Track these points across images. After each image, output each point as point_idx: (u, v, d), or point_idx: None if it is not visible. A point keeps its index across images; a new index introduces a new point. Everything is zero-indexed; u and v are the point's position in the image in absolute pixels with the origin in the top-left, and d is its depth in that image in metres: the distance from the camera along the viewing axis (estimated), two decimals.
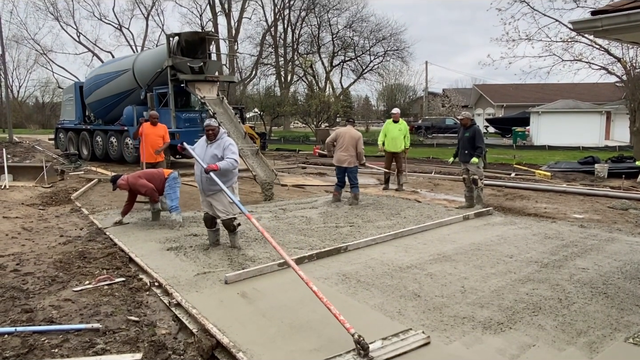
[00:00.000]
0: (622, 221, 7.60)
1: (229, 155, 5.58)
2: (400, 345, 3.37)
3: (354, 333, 3.26)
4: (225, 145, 5.66)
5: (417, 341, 3.43)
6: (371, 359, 3.18)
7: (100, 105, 16.96)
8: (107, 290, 4.62)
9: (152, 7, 44.59)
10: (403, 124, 10.75)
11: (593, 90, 37.30)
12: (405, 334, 3.52)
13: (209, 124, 5.76)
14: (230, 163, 5.52)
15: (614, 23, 3.47)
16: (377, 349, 3.28)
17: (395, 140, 10.51)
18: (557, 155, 20.08)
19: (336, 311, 3.47)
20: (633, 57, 17.26)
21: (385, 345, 3.34)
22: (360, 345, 3.20)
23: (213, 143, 5.73)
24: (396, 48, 41.43)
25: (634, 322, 3.76)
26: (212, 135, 5.73)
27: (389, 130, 10.63)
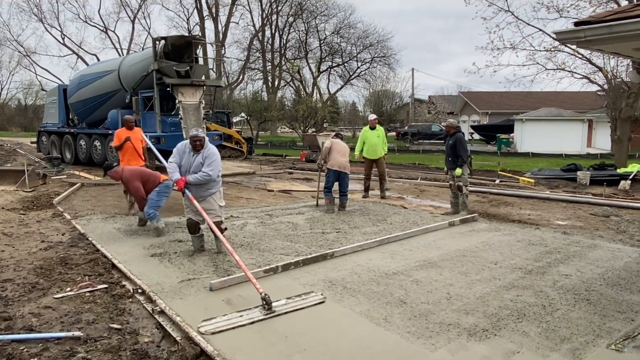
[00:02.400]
0: (603, 228, 7.72)
1: (205, 167, 5.58)
2: (300, 303, 4.26)
3: (262, 292, 4.12)
4: (207, 154, 5.66)
5: (314, 300, 4.31)
6: (274, 312, 4.04)
7: (83, 106, 16.70)
8: (89, 298, 4.54)
9: (139, 10, 44.29)
10: (380, 129, 10.54)
11: (575, 99, 38.09)
12: (307, 295, 4.42)
13: (196, 135, 5.65)
14: (199, 179, 5.54)
15: (597, 34, 3.53)
16: (281, 305, 4.17)
17: (375, 147, 10.31)
18: (541, 163, 20.37)
19: (250, 275, 4.46)
20: (614, 67, 17.65)
21: (288, 303, 4.25)
22: (265, 302, 4.08)
23: (200, 152, 5.67)
24: (383, 55, 41.79)
25: (615, 329, 3.81)
26: (199, 146, 5.66)
27: (367, 137, 10.39)
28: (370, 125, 10.39)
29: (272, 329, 3.83)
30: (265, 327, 3.86)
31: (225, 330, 3.77)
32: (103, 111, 15.98)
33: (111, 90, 15.69)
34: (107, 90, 15.81)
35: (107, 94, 15.86)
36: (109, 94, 15.77)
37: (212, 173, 5.59)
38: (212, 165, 5.61)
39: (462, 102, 47.88)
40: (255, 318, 3.97)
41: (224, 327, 3.81)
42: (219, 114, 25.24)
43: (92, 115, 16.63)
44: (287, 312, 4.10)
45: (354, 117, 51.52)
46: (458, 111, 47.17)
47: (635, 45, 3.80)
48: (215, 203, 5.78)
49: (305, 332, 3.76)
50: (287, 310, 4.12)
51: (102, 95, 15.97)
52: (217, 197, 5.84)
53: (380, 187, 10.60)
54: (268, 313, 4.04)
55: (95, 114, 16.46)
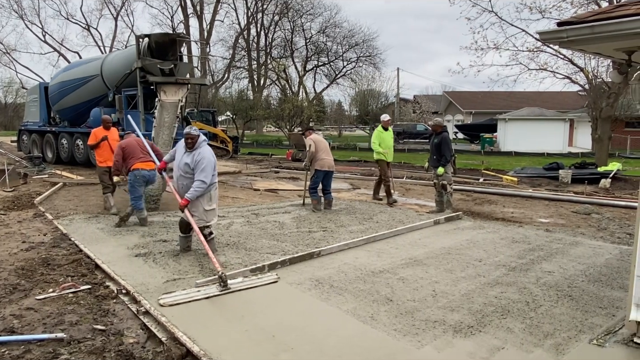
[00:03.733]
0: (585, 225, 7.86)
1: (197, 175, 5.41)
2: (255, 282, 4.73)
3: (219, 271, 4.54)
4: (198, 159, 5.45)
5: (268, 280, 4.81)
6: (229, 289, 4.47)
7: (72, 112, 16.49)
8: (72, 299, 4.47)
9: (122, 7, 43.73)
10: (390, 130, 10.07)
11: (557, 99, 38.67)
12: (262, 273, 4.94)
13: (189, 132, 5.56)
14: (196, 191, 5.39)
15: (579, 34, 3.59)
16: (237, 282, 4.63)
17: (391, 149, 9.86)
18: (523, 161, 20.66)
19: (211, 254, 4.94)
20: (595, 67, 17.95)
21: (244, 281, 4.72)
22: (221, 279, 4.49)
23: (191, 152, 5.55)
24: (368, 54, 41.83)
25: (597, 324, 3.88)
26: (191, 144, 5.54)
27: (383, 139, 9.77)
28: (384, 126, 9.86)
29: (259, 327, 3.82)
30: (251, 326, 3.84)
31: (182, 303, 4.19)
32: (86, 115, 15.78)
33: (98, 96, 15.52)
34: (94, 96, 15.64)
35: (94, 99, 15.69)
36: (96, 98, 15.61)
37: (205, 179, 5.41)
38: (204, 172, 5.41)
39: (446, 102, 48.29)
40: (211, 293, 4.40)
41: (181, 300, 4.21)
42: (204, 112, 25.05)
43: (75, 119, 16.46)
44: (241, 289, 4.57)
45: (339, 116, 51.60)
46: (442, 110, 47.55)
47: (616, 46, 3.88)
48: (200, 205, 5.55)
49: (293, 331, 3.76)
50: (241, 288, 4.58)
51: (90, 101, 15.78)
52: (205, 200, 5.58)
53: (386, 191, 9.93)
54: (223, 289, 4.47)
55: (80, 119, 16.28)
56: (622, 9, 3.58)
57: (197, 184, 5.39)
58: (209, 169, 5.47)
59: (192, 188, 5.40)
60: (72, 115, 16.52)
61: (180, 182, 5.63)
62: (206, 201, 5.60)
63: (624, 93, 17.30)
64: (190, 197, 5.39)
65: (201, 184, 5.40)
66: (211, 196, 5.65)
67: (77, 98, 16.07)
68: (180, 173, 5.62)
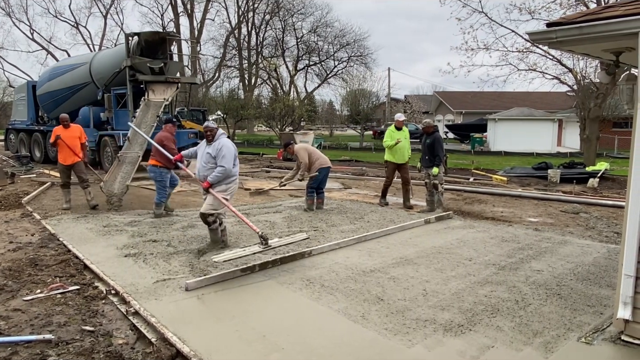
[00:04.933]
0: (573, 224, 7.94)
1: (218, 162, 5.81)
2: (290, 240, 5.50)
3: (259, 231, 5.20)
4: (218, 147, 5.84)
5: (301, 238, 5.53)
6: (269, 246, 5.14)
7: (50, 98, 16.26)
8: (60, 299, 4.42)
9: (111, 5, 43.37)
10: (406, 131, 9.45)
11: (546, 99, 39.07)
12: (295, 235, 5.76)
13: (207, 125, 6.01)
14: (218, 175, 5.77)
15: (568, 35, 3.62)
16: (275, 241, 5.33)
17: (403, 150, 9.26)
18: (513, 161, 20.82)
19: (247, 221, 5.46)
20: (583, 68, 18.18)
21: (280, 240, 5.48)
22: (263, 238, 5.11)
23: (212, 143, 5.93)
24: (360, 54, 41.96)
25: (585, 322, 3.92)
26: (210, 137, 5.95)
27: (395, 139, 9.22)
28: (397, 126, 9.31)
29: (250, 327, 3.81)
30: (242, 326, 3.83)
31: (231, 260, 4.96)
32: (71, 105, 15.57)
33: (80, 83, 15.32)
34: (75, 83, 15.45)
35: (75, 87, 15.49)
36: (78, 86, 15.41)
37: (226, 165, 5.79)
38: (225, 158, 5.80)
39: (437, 102, 48.52)
40: (256, 250, 5.10)
41: (230, 257, 4.92)
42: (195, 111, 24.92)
43: (59, 108, 16.18)
44: (280, 245, 5.36)
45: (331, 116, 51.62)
46: (433, 110, 47.78)
47: (604, 47, 3.92)
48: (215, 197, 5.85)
49: (283, 331, 3.75)
50: (280, 244, 5.35)
51: (71, 88, 15.58)
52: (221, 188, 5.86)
53: (404, 195, 9.51)
54: (265, 247, 5.10)
55: (63, 108, 16.04)
56: (610, 10, 3.62)
57: (219, 169, 5.79)
58: (229, 157, 5.85)
59: (214, 172, 5.81)
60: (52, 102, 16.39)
61: (203, 174, 5.94)
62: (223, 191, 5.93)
63: (611, 94, 17.47)
64: (212, 181, 5.79)
65: (222, 170, 5.78)
66: (227, 191, 5.96)
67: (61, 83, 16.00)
68: (202, 164, 5.98)
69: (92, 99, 15.03)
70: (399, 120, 9.34)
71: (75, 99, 15.56)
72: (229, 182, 5.94)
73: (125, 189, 9.44)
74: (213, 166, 5.86)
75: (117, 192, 9.24)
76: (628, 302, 3.45)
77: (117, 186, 9.45)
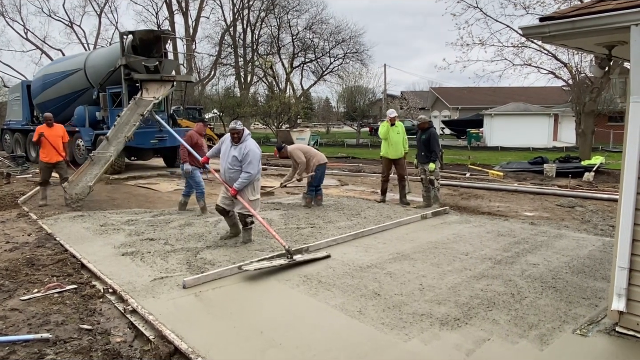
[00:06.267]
0: (569, 218, 7.99)
1: (245, 167, 5.90)
2: (312, 256, 5.54)
3: (287, 245, 5.41)
4: (245, 152, 5.90)
5: (322, 255, 5.59)
6: (294, 260, 5.25)
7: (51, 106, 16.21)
8: (57, 299, 4.42)
9: (105, 4, 42.98)
10: (400, 125, 9.44)
11: (542, 94, 39.11)
12: (316, 252, 5.72)
13: (234, 127, 6.02)
14: (243, 182, 5.88)
15: (561, 29, 3.63)
16: (299, 257, 5.42)
17: (396, 145, 9.24)
18: (509, 156, 20.88)
19: (273, 232, 5.72)
20: (578, 63, 18.20)
21: (304, 256, 5.53)
22: (289, 252, 5.30)
23: (237, 145, 5.98)
24: (355, 51, 41.83)
25: (580, 314, 3.95)
26: (236, 138, 5.99)
27: (390, 135, 9.28)
28: (391, 122, 9.32)
29: (247, 323, 3.82)
30: (240, 322, 3.84)
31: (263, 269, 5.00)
32: (71, 110, 15.56)
33: (79, 90, 15.29)
34: (74, 90, 15.41)
35: (74, 93, 15.46)
36: (77, 92, 15.38)
37: (252, 171, 5.89)
38: (251, 164, 5.88)
39: (433, 98, 48.54)
40: (281, 262, 5.19)
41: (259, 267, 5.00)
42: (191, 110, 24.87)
43: (61, 114, 16.19)
44: (304, 260, 5.37)
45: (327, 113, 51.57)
46: (429, 106, 47.82)
47: (597, 40, 3.93)
48: (245, 196, 5.99)
49: (280, 327, 3.77)
50: (304, 260, 5.38)
51: (70, 95, 15.56)
52: (249, 190, 6.02)
53: (400, 191, 9.54)
54: (290, 261, 5.21)
55: (64, 113, 16.03)
56: (602, 4, 3.63)
57: (245, 176, 5.87)
58: (255, 162, 5.95)
59: (240, 179, 5.89)
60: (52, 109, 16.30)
61: (229, 175, 6.05)
62: (250, 192, 6.05)
63: (606, 88, 17.53)
64: (238, 187, 5.90)
65: (248, 176, 5.89)
66: (255, 187, 6.11)
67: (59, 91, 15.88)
68: (228, 166, 6.04)
69: (89, 101, 15.00)
70: (391, 117, 9.38)
71: (73, 105, 15.55)
72: (255, 180, 6.10)
73: (88, 190, 9.15)
74: (238, 169, 5.95)
75: (78, 193, 9.02)
76: (622, 294, 3.48)
77: (80, 187, 9.20)
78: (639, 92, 3.33)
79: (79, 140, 14.94)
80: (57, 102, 15.95)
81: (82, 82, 15.11)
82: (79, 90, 15.30)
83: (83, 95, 15.30)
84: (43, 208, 8.79)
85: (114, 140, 10.91)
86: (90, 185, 9.33)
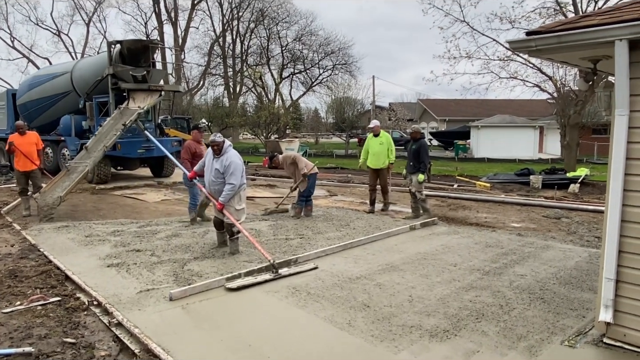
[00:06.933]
0: (555, 229, 8.06)
1: (228, 179, 5.89)
2: (299, 269, 5.47)
3: (271, 259, 5.29)
4: (226, 164, 5.90)
5: (309, 267, 5.55)
6: (280, 274, 5.19)
7: (32, 107, 16.00)
8: (40, 311, 4.32)
9: (94, 13, 42.91)
10: (384, 136, 9.68)
11: (527, 106, 39.73)
12: (304, 264, 5.64)
13: (214, 140, 5.99)
14: (228, 194, 5.88)
15: (546, 43, 3.70)
16: (285, 270, 5.35)
17: (378, 155, 9.49)
18: (496, 167, 21.08)
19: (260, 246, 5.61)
20: (563, 76, 18.54)
21: (290, 268, 5.46)
22: (274, 267, 5.23)
23: (219, 157, 5.98)
24: (344, 62, 42.15)
25: (568, 325, 3.97)
26: (217, 151, 5.99)
27: (370, 145, 9.63)
28: (374, 132, 9.65)
29: (235, 336, 3.77)
30: (228, 335, 3.79)
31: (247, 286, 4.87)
32: (52, 114, 15.37)
33: (61, 92, 15.12)
34: (57, 92, 15.25)
35: (56, 96, 15.28)
36: (59, 95, 15.20)
37: (235, 182, 5.90)
38: (233, 175, 5.89)
39: (421, 109, 49.00)
40: (266, 278, 5.10)
41: (242, 284, 4.88)
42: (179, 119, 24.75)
43: (41, 117, 15.95)
44: (290, 274, 5.28)
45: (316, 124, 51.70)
46: (417, 118, 48.22)
47: (582, 55, 4.01)
48: (231, 206, 6.00)
49: (269, 340, 3.73)
50: (290, 273, 5.30)
51: (52, 97, 15.37)
52: (235, 200, 6.05)
53: (383, 199, 9.78)
54: (276, 275, 5.15)
55: (44, 117, 15.81)
56: (587, 19, 3.71)
57: (228, 188, 5.89)
58: (238, 173, 5.95)
59: (224, 192, 5.91)
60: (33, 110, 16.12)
61: (213, 187, 6.07)
62: (236, 202, 6.08)
63: (590, 101, 17.87)
64: (224, 200, 5.92)
65: (232, 187, 5.90)
66: (241, 196, 6.15)
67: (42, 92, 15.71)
68: (212, 179, 6.06)
69: (74, 108, 14.83)
70: (373, 127, 9.69)
71: (56, 108, 15.36)
72: (241, 190, 6.13)
73: (59, 200, 8.88)
74: (222, 181, 5.97)
75: (49, 203, 8.73)
76: (609, 305, 3.51)
77: (51, 197, 8.92)
78: (623, 105, 3.39)
79: (65, 149, 14.75)
80: (39, 103, 15.77)
81: (65, 85, 14.96)
82: (61, 93, 15.13)
83: (64, 100, 15.11)
84: (27, 218, 8.64)
85: (93, 150, 10.75)
86: (61, 196, 8.96)
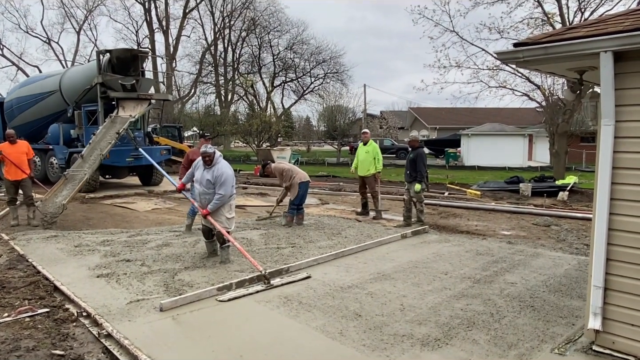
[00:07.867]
0: (545, 237, 8.13)
1: (217, 189, 5.95)
2: (291, 279, 5.44)
3: (263, 269, 5.30)
4: (217, 174, 5.96)
5: (301, 276, 5.53)
6: (272, 285, 5.18)
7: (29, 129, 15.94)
8: (28, 323, 4.26)
9: (84, 21, 42.82)
10: (372, 145, 10.01)
11: (516, 115, 40.17)
12: (296, 274, 5.62)
13: (205, 151, 6.03)
14: (217, 203, 5.94)
15: (534, 55, 3.76)
16: (277, 280, 5.34)
17: (363, 163, 9.91)
18: (486, 175, 21.24)
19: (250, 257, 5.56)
20: (551, 85, 18.80)
21: (282, 279, 5.44)
22: (265, 277, 5.23)
23: (210, 168, 6.02)
24: (336, 71, 42.34)
25: (558, 333, 4.00)
26: (208, 162, 6.03)
27: (358, 153, 10.11)
28: (363, 141, 10.12)
29: (226, 347, 3.75)
30: (219, 346, 3.76)
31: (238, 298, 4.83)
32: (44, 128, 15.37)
33: (56, 112, 15.16)
34: (52, 112, 15.30)
35: (52, 115, 15.33)
36: (55, 114, 15.25)
37: (224, 192, 5.96)
38: (224, 186, 5.95)
39: (412, 118, 49.37)
40: (258, 289, 5.09)
41: (234, 296, 4.84)
42: (170, 128, 24.69)
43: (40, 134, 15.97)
44: (282, 284, 5.26)
45: (308, 132, 51.80)
46: (408, 126, 48.55)
47: (568, 66, 4.08)
48: (222, 215, 6.06)
49: (261, 350, 3.71)
50: (282, 283, 5.28)
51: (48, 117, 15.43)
52: (226, 209, 6.10)
53: (374, 206, 10.10)
54: (268, 286, 5.13)
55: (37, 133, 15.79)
56: (573, 31, 3.78)
57: (217, 197, 5.96)
58: (228, 183, 6.01)
59: (213, 200, 5.97)
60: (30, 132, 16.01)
61: (204, 197, 6.11)
62: (227, 210, 6.13)
63: (578, 110, 18.11)
64: (212, 209, 5.97)
65: (220, 197, 5.96)
66: (231, 206, 6.21)
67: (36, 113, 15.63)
68: (203, 189, 6.09)
69: (64, 119, 14.81)
70: (363, 135, 10.27)
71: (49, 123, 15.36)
72: (231, 200, 6.18)
73: (62, 208, 9.14)
74: (213, 191, 6.01)
75: (52, 212, 8.96)
76: (598, 313, 3.55)
77: (53, 205, 9.15)
78: (609, 115, 3.45)
79: (52, 158, 14.64)
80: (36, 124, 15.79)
81: (59, 104, 14.97)
82: (57, 112, 15.17)
83: (62, 116, 15.12)
84: (15, 228, 8.54)
85: (88, 158, 10.77)
86: (64, 203, 9.22)
